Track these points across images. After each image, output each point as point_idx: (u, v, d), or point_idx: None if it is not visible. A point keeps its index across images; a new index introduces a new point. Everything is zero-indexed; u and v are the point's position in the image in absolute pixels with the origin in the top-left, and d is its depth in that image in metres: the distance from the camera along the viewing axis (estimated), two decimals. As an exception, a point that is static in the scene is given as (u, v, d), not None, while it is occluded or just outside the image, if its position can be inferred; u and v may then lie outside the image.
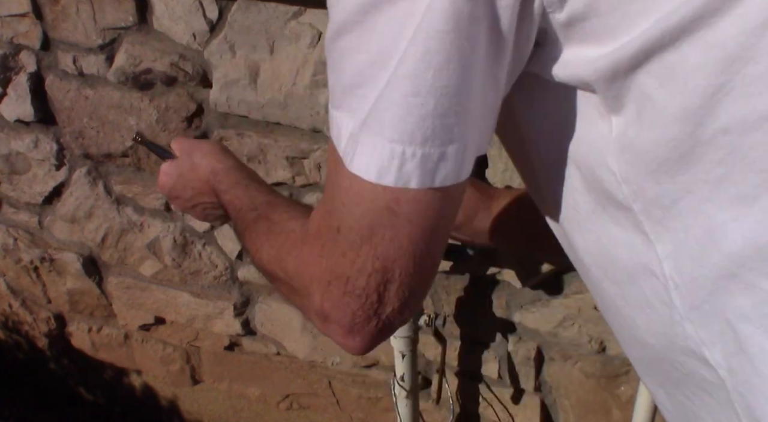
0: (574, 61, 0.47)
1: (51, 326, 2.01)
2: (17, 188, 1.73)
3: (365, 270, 0.50)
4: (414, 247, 0.49)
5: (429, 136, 0.45)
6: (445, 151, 0.45)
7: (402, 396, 1.36)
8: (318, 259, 0.53)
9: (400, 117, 0.45)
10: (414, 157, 0.45)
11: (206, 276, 1.65)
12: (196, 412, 2.01)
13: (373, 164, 0.46)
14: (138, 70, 1.40)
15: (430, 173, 0.46)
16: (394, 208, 0.47)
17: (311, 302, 0.55)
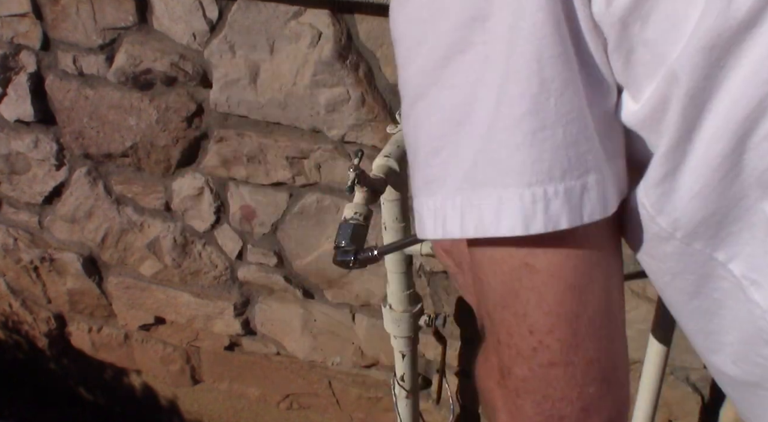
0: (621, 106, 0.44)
1: (51, 326, 2.01)
2: (17, 188, 1.73)
3: (523, 351, 0.43)
4: (566, 311, 0.42)
5: (567, 168, 0.40)
6: (586, 181, 0.41)
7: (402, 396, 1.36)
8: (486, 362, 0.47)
9: (532, 157, 0.40)
10: (557, 195, 0.40)
11: (206, 276, 1.65)
12: (196, 412, 2.01)
13: (517, 217, 0.41)
14: (138, 70, 1.40)
15: (578, 209, 0.41)
16: (532, 263, 0.42)
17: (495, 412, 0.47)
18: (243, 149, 1.39)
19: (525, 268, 0.42)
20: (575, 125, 0.40)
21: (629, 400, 0.45)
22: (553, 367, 0.42)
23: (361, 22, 1.18)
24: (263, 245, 1.53)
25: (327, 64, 1.22)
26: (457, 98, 0.41)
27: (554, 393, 0.43)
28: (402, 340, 1.28)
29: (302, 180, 1.38)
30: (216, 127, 1.40)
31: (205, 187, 1.49)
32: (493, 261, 0.43)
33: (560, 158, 0.40)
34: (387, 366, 1.59)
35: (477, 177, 0.41)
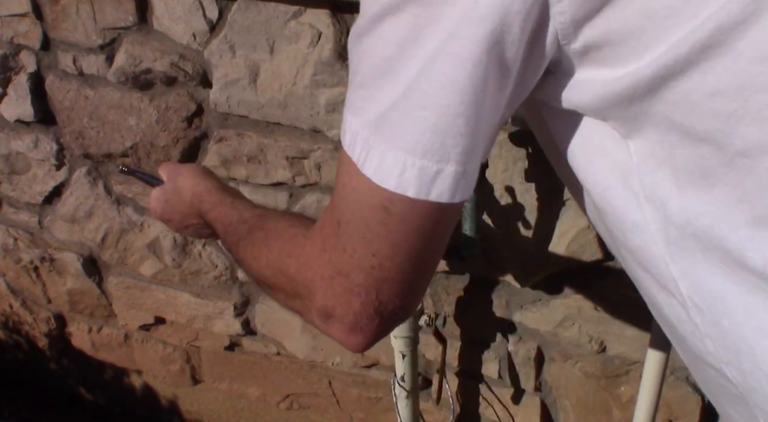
0: (587, 87, 0.48)
1: (51, 326, 2.01)
2: (17, 188, 1.73)
3: (363, 266, 0.52)
4: (409, 246, 0.51)
5: (427, 150, 0.47)
6: (443, 168, 0.48)
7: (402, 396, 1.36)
8: (321, 254, 0.55)
9: (407, 127, 0.47)
10: (413, 167, 0.47)
11: (206, 276, 1.65)
12: (196, 412, 2.01)
13: (379, 167, 0.48)
14: (138, 70, 1.39)
15: (426, 186, 0.48)
16: (388, 206, 0.49)
17: (313, 301, 0.56)
18: (243, 149, 1.39)
19: (381, 209, 0.50)
20: (449, 119, 0.46)
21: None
22: (386, 282, 0.52)
23: (361, 22, 1.17)
24: (263, 245, 1.52)
25: (327, 64, 1.22)
26: (385, 51, 0.48)
27: (381, 297, 0.53)
28: (402, 340, 1.28)
29: (302, 180, 1.39)
30: (216, 127, 1.40)
31: (205, 187, 1.49)
32: (357, 192, 0.50)
33: (425, 139, 0.47)
34: (387, 366, 1.59)
35: (380, 125, 0.48)
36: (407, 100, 0.47)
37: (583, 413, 1.46)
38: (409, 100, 0.47)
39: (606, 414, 1.44)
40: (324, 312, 0.55)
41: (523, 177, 1.19)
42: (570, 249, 1.24)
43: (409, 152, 0.47)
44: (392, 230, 0.50)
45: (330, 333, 0.56)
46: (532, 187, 1.20)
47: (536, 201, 1.22)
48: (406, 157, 0.47)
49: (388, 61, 0.48)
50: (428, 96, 0.46)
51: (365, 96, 0.50)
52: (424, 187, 0.48)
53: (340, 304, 0.54)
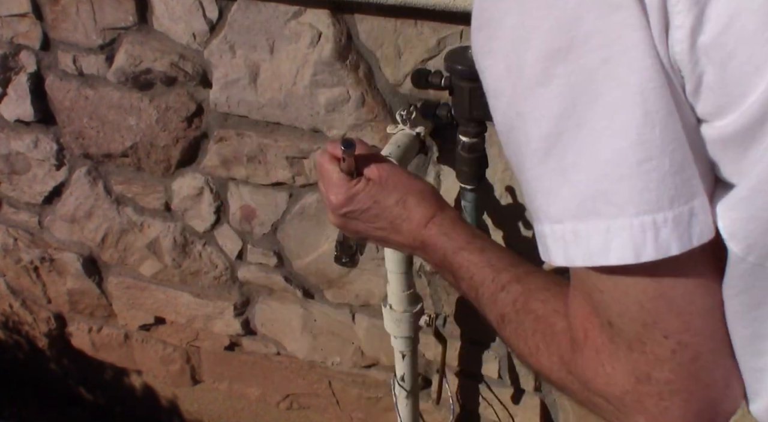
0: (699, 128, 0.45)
1: (51, 326, 2.00)
2: (17, 188, 1.73)
3: (662, 355, 0.44)
4: (696, 307, 0.44)
5: (674, 195, 0.42)
6: (693, 206, 0.43)
7: (402, 396, 1.36)
8: (602, 369, 0.48)
9: (640, 187, 0.42)
10: (666, 223, 0.42)
11: (206, 276, 1.65)
12: (196, 412, 2.01)
13: (628, 247, 0.42)
14: (138, 70, 1.39)
15: (687, 233, 0.43)
16: (653, 277, 0.44)
17: (626, 419, 0.48)
18: (243, 149, 1.39)
19: (654, 285, 0.44)
20: (679, 153, 0.42)
21: None
22: (695, 361, 0.44)
23: (361, 22, 1.18)
24: (263, 245, 1.52)
25: (327, 64, 1.22)
26: (543, 130, 0.43)
27: (700, 384, 0.45)
28: (402, 340, 1.28)
29: (302, 180, 1.38)
30: (216, 127, 1.40)
31: (205, 187, 1.49)
32: (624, 283, 0.44)
33: (667, 186, 0.42)
34: (387, 366, 1.59)
35: (584, 208, 0.43)
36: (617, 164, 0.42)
37: (583, 413, 1.46)
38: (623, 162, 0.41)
39: (606, 414, 1.44)
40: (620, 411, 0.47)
41: (523, 177, 1.19)
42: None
43: (654, 210, 0.42)
44: (672, 299, 0.44)
45: None
46: (532, 186, 1.20)
47: (536, 201, 1.22)
48: (653, 217, 0.42)
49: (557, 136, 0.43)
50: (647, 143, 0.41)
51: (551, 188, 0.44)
52: (686, 237, 0.42)
53: (658, 417, 0.46)
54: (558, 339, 0.53)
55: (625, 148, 0.41)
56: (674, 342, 0.44)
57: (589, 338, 0.48)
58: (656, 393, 0.45)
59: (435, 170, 1.26)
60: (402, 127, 1.15)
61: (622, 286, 0.44)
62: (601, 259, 0.43)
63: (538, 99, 0.43)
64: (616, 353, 0.46)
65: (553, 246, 0.46)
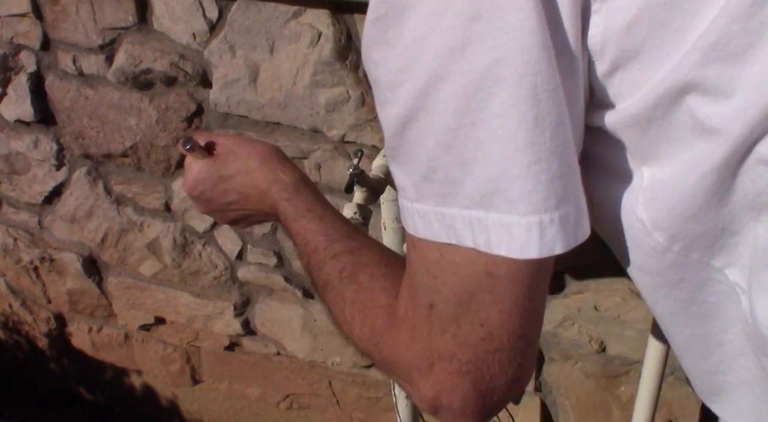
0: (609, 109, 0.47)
1: (51, 326, 2.01)
2: (17, 188, 1.73)
3: (470, 341, 0.48)
4: (518, 309, 0.47)
5: (561, 197, 0.43)
6: (579, 207, 0.45)
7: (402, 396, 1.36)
8: (411, 345, 0.50)
9: (529, 188, 0.43)
10: (552, 223, 0.43)
11: (206, 276, 1.65)
12: (196, 412, 2.01)
13: (515, 243, 0.44)
14: (138, 70, 1.40)
15: (572, 233, 0.44)
16: (492, 271, 0.45)
17: (417, 390, 0.51)
18: (243, 149, 1.39)
19: (485, 275, 0.46)
20: (567, 155, 0.43)
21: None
22: (497, 352, 0.48)
23: (361, 22, 1.18)
24: (263, 245, 1.53)
25: (327, 64, 1.22)
26: (444, 124, 0.44)
27: (491, 371, 0.48)
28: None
29: (302, 180, 1.38)
30: (216, 127, 1.40)
31: (205, 187, 1.49)
32: (454, 264, 0.46)
33: (555, 188, 0.43)
34: (387, 366, 1.59)
35: (481, 200, 0.44)
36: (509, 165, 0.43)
37: (583, 413, 1.46)
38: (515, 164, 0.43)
39: (606, 414, 1.44)
40: (431, 402, 0.51)
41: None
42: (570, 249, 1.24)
43: (541, 211, 0.43)
44: (501, 295, 0.46)
45: (439, 419, 0.52)
46: (532, 186, 1.20)
47: (536, 201, 1.22)
48: (540, 217, 0.43)
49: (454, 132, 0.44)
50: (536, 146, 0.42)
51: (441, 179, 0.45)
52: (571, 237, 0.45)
53: (446, 391, 0.49)
54: (376, 312, 0.55)
55: (516, 149, 0.42)
56: (486, 332, 0.47)
57: (407, 316, 0.51)
58: (454, 372, 0.48)
59: (435, 170, 1.26)
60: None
61: (460, 270, 0.46)
62: (495, 248, 0.44)
63: (439, 94, 0.43)
64: (431, 332, 0.49)
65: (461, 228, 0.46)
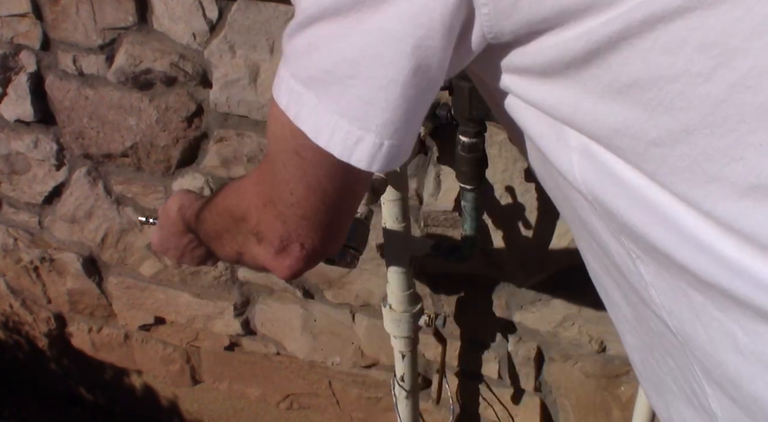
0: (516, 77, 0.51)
1: (51, 326, 2.01)
2: (17, 188, 1.73)
3: (284, 200, 0.58)
4: (322, 192, 0.56)
5: (354, 116, 0.50)
6: (364, 136, 0.51)
7: (402, 396, 1.37)
8: (255, 186, 0.62)
9: (350, 94, 0.50)
10: (341, 130, 0.51)
11: (206, 276, 1.65)
12: (196, 412, 2.01)
13: (313, 124, 0.52)
14: (138, 70, 1.40)
15: (349, 150, 0.51)
16: (300, 152, 0.54)
17: (248, 225, 0.62)
18: (243, 149, 1.39)
19: (295, 153, 0.54)
20: (374, 92, 0.49)
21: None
22: (303, 219, 0.59)
23: (361, 22, 1.18)
24: (263, 245, 1.52)
25: (327, 64, 1.22)
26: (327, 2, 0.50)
27: (299, 231, 0.59)
28: (402, 340, 1.28)
29: (302, 180, 1.38)
30: (216, 127, 1.40)
31: (205, 187, 1.49)
32: (280, 135, 0.55)
33: (356, 109, 0.50)
34: (387, 366, 1.59)
35: (315, 81, 0.51)
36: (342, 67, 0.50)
37: (583, 413, 1.46)
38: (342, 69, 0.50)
39: (606, 414, 1.44)
40: (256, 233, 0.62)
41: (523, 177, 1.19)
42: (570, 249, 1.24)
43: (341, 115, 0.51)
44: (306, 174, 0.55)
45: (261, 257, 0.63)
46: (532, 187, 1.20)
47: (536, 201, 1.22)
48: (338, 119, 0.51)
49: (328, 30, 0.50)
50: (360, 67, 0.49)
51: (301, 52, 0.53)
52: (346, 152, 0.51)
53: (269, 228, 0.60)
54: (235, 184, 0.68)
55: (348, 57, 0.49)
56: (294, 199, 0.57)
57: (261, 164, 0.61)
58: (274, 214, 0.60)
59: (435, 170, 1.26)
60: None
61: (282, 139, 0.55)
62: (299, 119, 0.52)
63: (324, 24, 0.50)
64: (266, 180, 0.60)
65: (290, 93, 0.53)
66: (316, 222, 0.59)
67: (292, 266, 0.62)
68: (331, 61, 0.50)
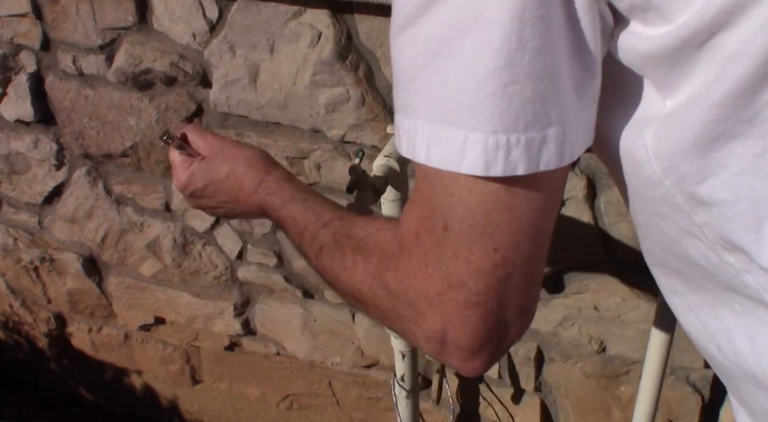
0: (634, 41, 0.47)
1: (51, 326, 2.01)
2: (17, 188, 1.73)
3: (483, 267, 0.47)
4: (533, 230, 0.47)
5: (530, 121, 0.44)
6: (546, 134, 0.45)
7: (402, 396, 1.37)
8: (423, 269, 0.49)
9: (502, 107, 0.44)
10: (518, 144, 0.44)
11: (206, 276, 1.65)
12: (196, 412, 2.01)
13: (479, 160, 0.45)
14: (138, 70, 1.40)
15: (535, 158, 0.45)
16: (506, 192, 0.46)
17: (423, 322, 0.50)
18: (243, 149, 1.39)
19: (503, 194, 0.46)
20: (544, 82, 0.44)
21: None
22: (509, 278, 0.48)
23: (361, 22, 1.18)
24: (263, 245, 1.53)
25: (327, 64, 1.22)
26: (437, 34, 0.45)
27: (503, 300, 0.48)
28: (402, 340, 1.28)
29: (302, 180, 1.38)
30: (216, 127, 1.40)
31: (205, 187, 1.49)
32: (469, 189, 0.46)
33: (526, 111, 0.44)
34: (387, 366, 1.59)
35: (447, 114, 0.45)
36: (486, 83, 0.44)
37: (583, 413, 1.46)
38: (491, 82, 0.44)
39: (606, 414, 1.44)
40: (436, 337, 0.49)
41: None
42: (570, 249, 1.24)
43: (510, 131, 0.44)
44: (516, 215, 0.47)
45: (444, 359, 0.51)
46: (532, 186, 1.20)
47: (536, 201, 1.22)
48: (508, 137, 0.44)
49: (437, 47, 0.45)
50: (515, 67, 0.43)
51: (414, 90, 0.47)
52: (533, 162, 0.45)
53: (455, 324, 0.48)
54: (381, 247, 0.55)
55: (496, 68, 0.43)
56: (500, 257, 0.47)
57: (420, 239, 0.50)
58: (463, 302, 0.48)
59: (435, 170, 1.26)
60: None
61: (477, 193, 0.46)
62: (454, 166, 0.45)
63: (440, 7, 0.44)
64: (441, 257, 0.48)
65: (420, 142, 0.47)
66: (524, 276, 0.48)
67: (487, 362, 0.51)
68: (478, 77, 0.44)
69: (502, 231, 0.47)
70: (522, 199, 0.46)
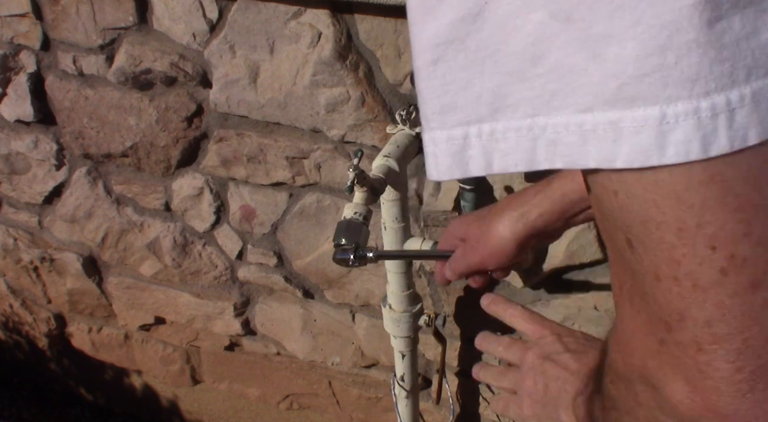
0: None
1: (51, 326, 2.01)
2: (17, 188, 1.73)
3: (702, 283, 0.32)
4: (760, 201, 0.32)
5: (751, 65, 0.30)
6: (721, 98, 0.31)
7: (402, 396, 1.37)
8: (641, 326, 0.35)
9: (711, 57, 0.30)
10: (743, 102, 0.30)
11: (206, 276, 1.65)
12: (196, 412, 2.01)
13: (693, 138, 0.31)
14: (138, 70, 1.40)
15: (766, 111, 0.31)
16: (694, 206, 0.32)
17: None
18: (243, 149, 1.39)
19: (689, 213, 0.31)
20: (752, 8, 0.30)
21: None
22: (756, 290, 0.31)
23: (361, 22, 1.18)
24: (263, 245, 1.53)
25: (327, 64, 1.22)
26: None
27: (757, 329, 0.31)
28: (402, 340, 1.28)
29: (302, 180, 1.39)
30: (216, 127, 1.40)
31: (205, 187, 1.49)
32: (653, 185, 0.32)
33: (743, 53, 0.30)
34: (387, 366, 1.59)
35: (617, 92, 0.31)
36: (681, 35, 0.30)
37: (583, 413, 1.46)
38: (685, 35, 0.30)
39: (606, 414, 1.44)
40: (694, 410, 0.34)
41: (523, 177, 1.19)
42: (570, 249, 1.24)
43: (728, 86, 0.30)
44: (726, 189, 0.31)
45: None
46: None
47: (536, 201, 1.22)
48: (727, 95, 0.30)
49: None
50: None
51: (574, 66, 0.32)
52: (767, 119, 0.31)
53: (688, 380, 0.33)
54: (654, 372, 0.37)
55: (689, 5, 0.29)
56: (724, 256, 0.31)
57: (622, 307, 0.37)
58: (691, 343, 0.32)
59: (435, 170, 1.26)
60: (402, 127, 1.15)
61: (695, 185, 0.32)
62: (654, 158, 0.31)
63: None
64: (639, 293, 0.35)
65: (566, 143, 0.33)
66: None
67: None
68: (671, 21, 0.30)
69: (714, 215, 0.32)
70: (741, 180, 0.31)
